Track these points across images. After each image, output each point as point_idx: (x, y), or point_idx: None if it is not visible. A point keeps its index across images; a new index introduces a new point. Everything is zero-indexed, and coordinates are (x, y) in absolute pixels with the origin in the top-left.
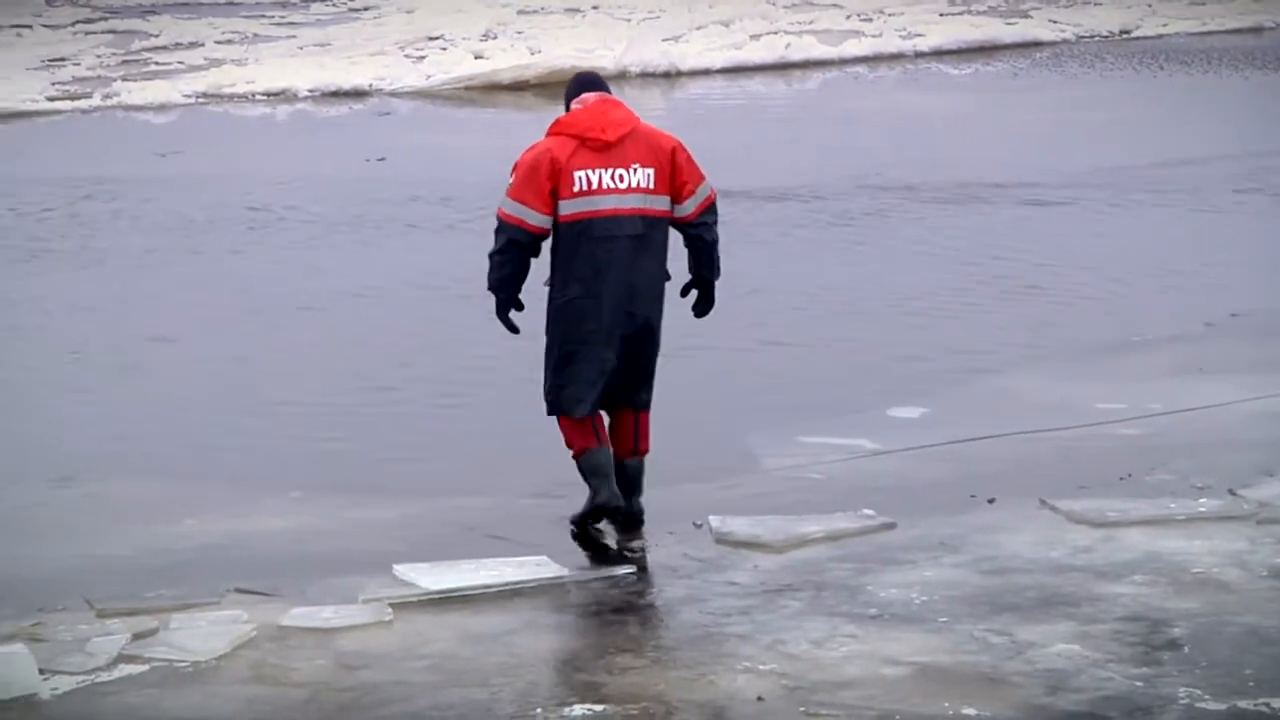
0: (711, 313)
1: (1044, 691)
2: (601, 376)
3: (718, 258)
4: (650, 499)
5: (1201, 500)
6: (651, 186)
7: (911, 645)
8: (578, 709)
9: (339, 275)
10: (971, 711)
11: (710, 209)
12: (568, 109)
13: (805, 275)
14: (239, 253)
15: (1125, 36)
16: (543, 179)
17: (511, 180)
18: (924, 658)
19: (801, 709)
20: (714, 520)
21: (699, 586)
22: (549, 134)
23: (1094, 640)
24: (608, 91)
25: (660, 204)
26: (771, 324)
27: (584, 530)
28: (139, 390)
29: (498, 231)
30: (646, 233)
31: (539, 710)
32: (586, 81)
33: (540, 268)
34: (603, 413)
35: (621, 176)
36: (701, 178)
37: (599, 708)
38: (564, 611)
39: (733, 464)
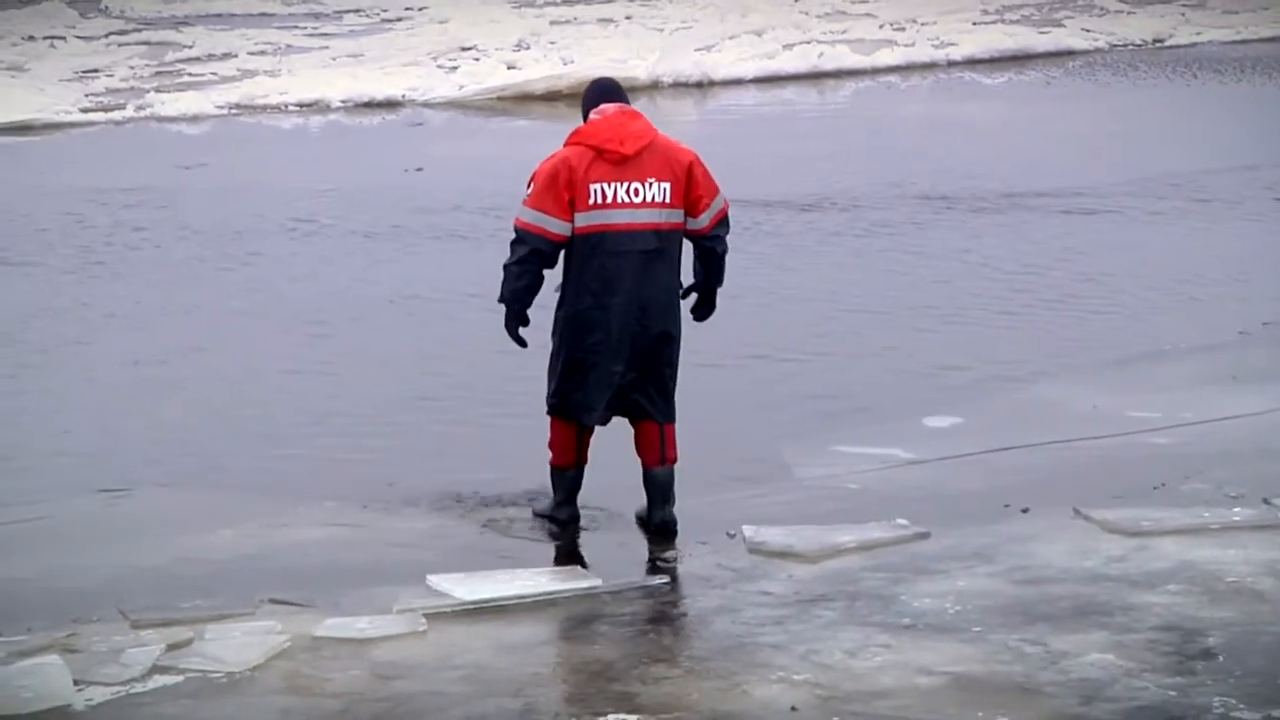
0: (713, 317)
1: (1078, 701)
2: (610, 388)
3: (724, 267)
4: (683, 509)
5: (1236, 509)
6: (667, 201)
7: (945, 655)
8: (611, 719)
9: (381, 284)
10: None
11: (724, 222)
12: (585, 117)
13: (840, 284)
14: (281, 262)
15: (1159, 45)
16: (561, 188)
17: (529, 190)
18: (958, 668)
19: (835, 719)
20: (748, 530)
21: (732, 596)
22: (567, 144)
23: (1128, 650)
24: (626, 100)
25: (675, 218)
26: (806, 333)
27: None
28: (176, 400)
29: (516, 243)
30: (660, 247)
31: None
32: (605, 89)
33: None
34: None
35: (637, 190)
36: (716, 190)
37: (633, 718)
38: (598, 622)
39: (766, 474)
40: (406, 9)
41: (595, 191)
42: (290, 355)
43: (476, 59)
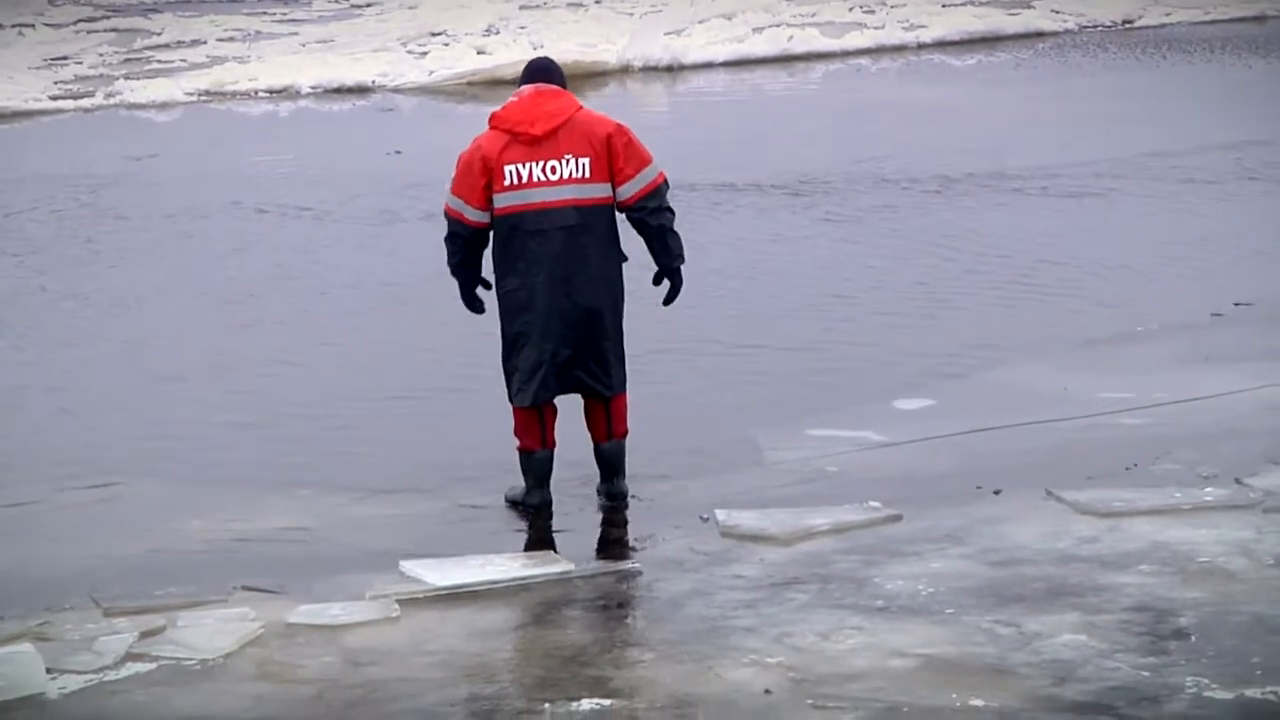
0: (679, 298)
1: (1051, 682)
2: (540, 367)
3: (673, 244)
4: (655, 493)
5: (1208, 489)
6: (587, 175)
7: (918, 637)
8: (585, 704)
9: (363, 271)
10: (979, 703)
11: (653, 193)
12: None
13: (811, 267)
14: (252, 249)
15: (1128, 26)
16: (476, 175)
17: (452, 175)
18: (931, 649)
19: (809, 701)
20: (720, 514)
21: (705, 580)
22: (488, 128)
23: (1100, 630)
24: (554, 80)
25: (598, 192)
26: (775, 316)
27: (512, 508)
28: (146, 390)
29: (447, 224)
30: (583, 222)
31: (546, 705)
32: (532, 70)
33: None
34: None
35: (554, 168)
36: (645, 161)
37: (606, 702)
38: (571, 606)
39: (739, 457)
40: None
41: (510, 173)
42: (262, 345)
43: (446, 44)
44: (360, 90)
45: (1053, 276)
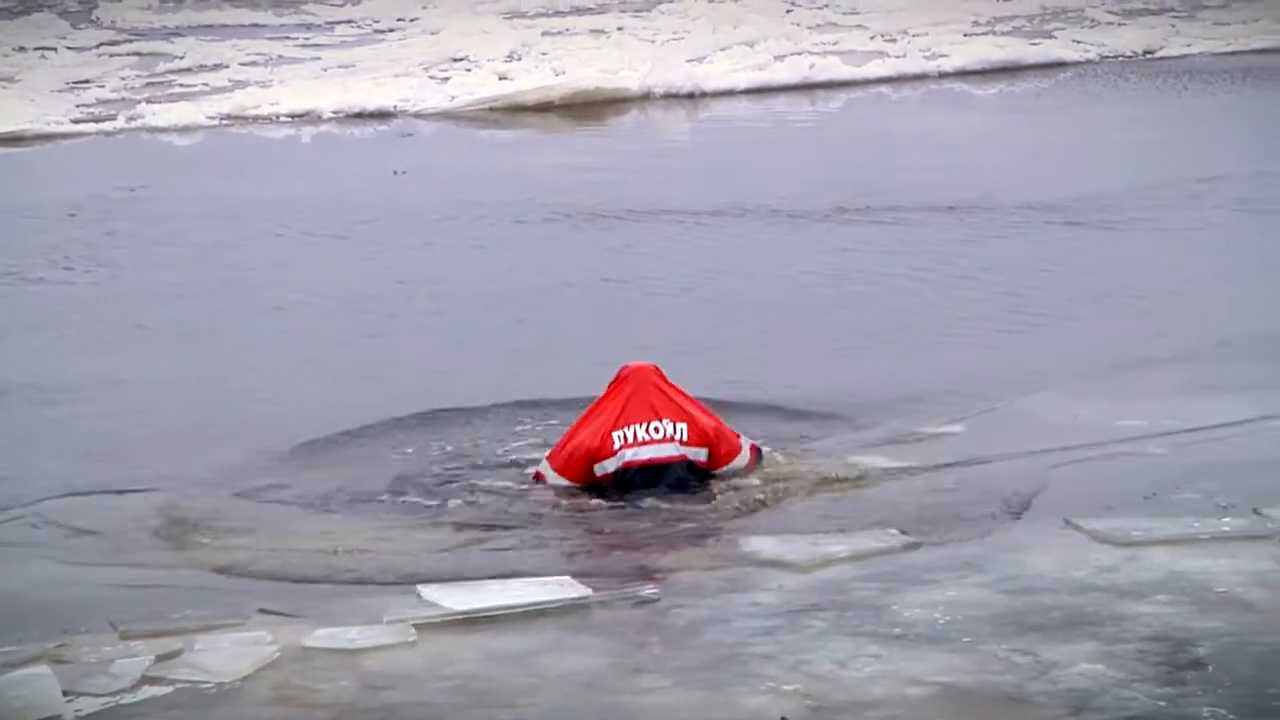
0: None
1: (1067, 712)
2: None
3: None
4: (675, 519)
5: (1225, 519)
6: None
7: (935, 665)
8: None
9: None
10: None
11: None
12: None
13: (831, 291)
14: (262, 268)
15: (1149, 57)
16: None
17: None
18: (947, 678)
19: None
20: (739, 540)
21: (723, 606)
22: None
23: (1118, 660)
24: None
25: None
26: (791, 344)
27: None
28: (164, 413)
29: None
30: None
31: None
32: None
33: None
34: None
35: None
36: None
37: None
38: (587, 632)
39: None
40: (399, 20)
41: None
42: (270, 365)
43: (468, 70)
44: (381, 115)
45: (1072, 304)
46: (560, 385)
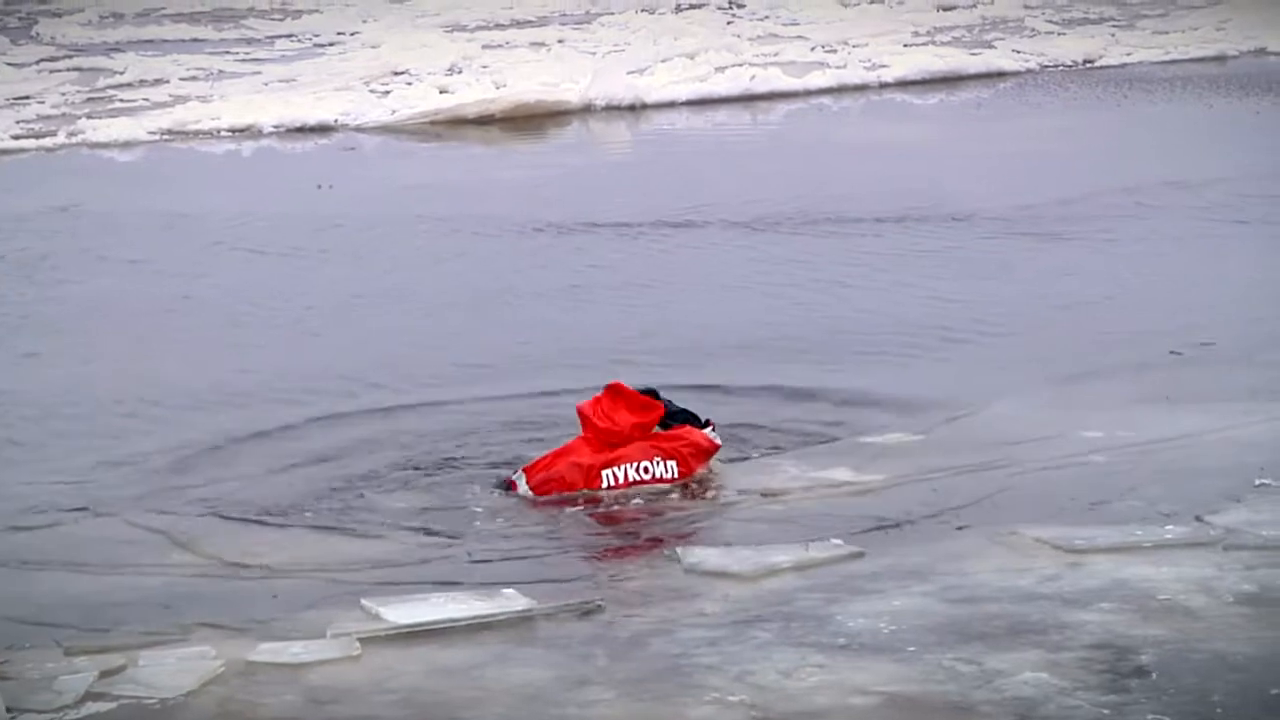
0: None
1: None
2: None
3: None
4: (620, 530)
5: (1168, 527)
6: None
7: (880, 675)
8: None
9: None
10: None
11: None
12: None
13: (774, 304)
14: (208, 281)
15: (1089, 66)
16: None
17: None
18: (892, 687)
19: None
20: (683, 550)
21: (668, 617)
22: None
23: (1062, 668)
24: None
25: None
26: (741, 353)
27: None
28: (102, 427)
29: None
30: None
31: None
32: None
33: None
34: None
35: None
36: None
37: None
38: (532, 644)
39: (703, 495)
40: (339, 34)
41: None
42: (214, 379)
43: (409, 83)
44: (322, 129)
45: (1018, 316)
46: (499, 394)
